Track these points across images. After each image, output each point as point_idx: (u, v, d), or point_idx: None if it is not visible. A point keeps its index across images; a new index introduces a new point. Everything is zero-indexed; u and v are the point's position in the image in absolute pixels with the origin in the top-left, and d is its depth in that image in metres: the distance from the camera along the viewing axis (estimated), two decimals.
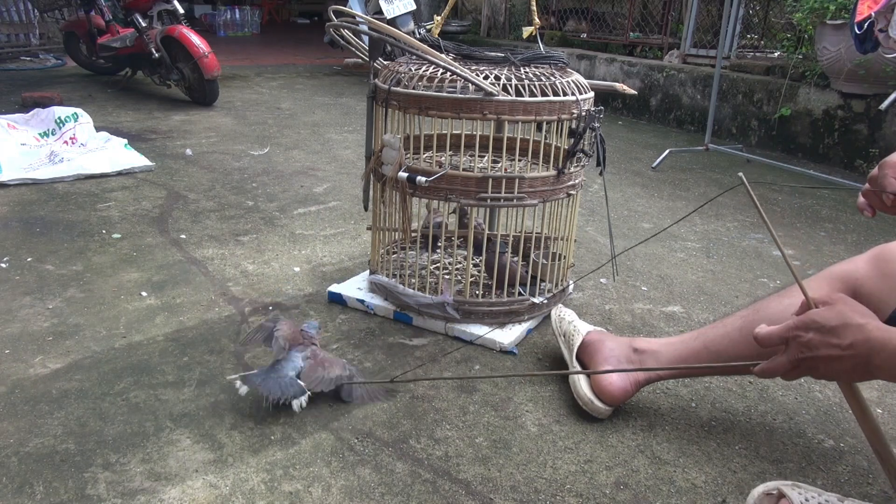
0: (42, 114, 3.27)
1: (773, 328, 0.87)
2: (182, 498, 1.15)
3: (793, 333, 0.85)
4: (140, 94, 4.81)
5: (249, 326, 1.73)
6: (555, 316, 1.63)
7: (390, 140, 1.64)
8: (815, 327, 0.83)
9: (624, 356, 1.43)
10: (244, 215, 2.54)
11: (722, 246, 2.50)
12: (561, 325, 1.59)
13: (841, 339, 0.81)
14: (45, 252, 2.11)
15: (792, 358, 0.85)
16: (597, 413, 1.40)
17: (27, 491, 1.14)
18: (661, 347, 1.40)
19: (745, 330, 1.27)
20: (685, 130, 4.68)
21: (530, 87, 1.55)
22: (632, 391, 1.41)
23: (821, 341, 0.82)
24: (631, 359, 1.42)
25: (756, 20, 5.04)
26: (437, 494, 1.18)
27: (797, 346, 0.84)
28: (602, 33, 5.81)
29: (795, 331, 0.85)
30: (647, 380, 1.42)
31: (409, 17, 2.11)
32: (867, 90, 3.62)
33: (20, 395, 1.40)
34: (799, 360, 0.84)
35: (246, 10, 9.29)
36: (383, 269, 1.85)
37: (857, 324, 0.81)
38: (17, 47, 6.11)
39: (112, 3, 4.94)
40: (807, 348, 0.83)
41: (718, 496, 1.22)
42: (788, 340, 0.86)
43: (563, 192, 1.68)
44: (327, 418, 1.37)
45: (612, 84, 1.99)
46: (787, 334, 0.85)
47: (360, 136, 3.91)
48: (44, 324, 1.69)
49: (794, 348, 0.85)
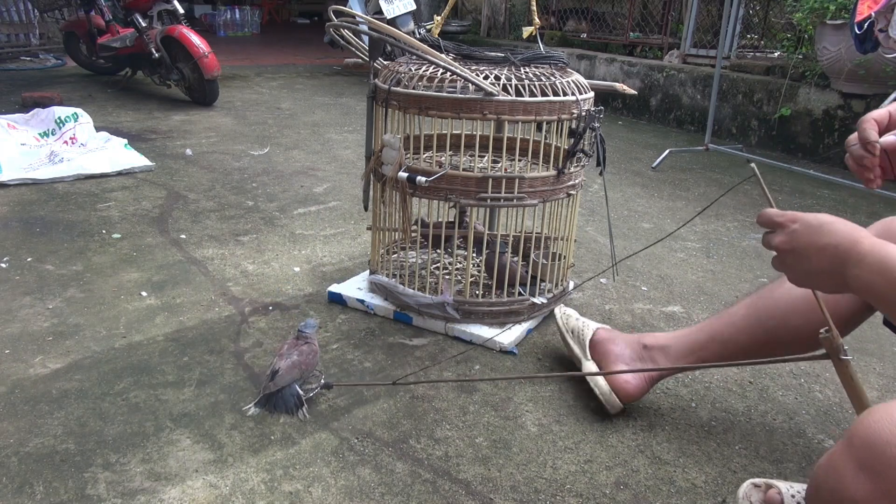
0: (42, 114, 3.27)
1: (776, 211, 0.91)
2: (182, 498, 1.15)
3: (785, 220, 0.88)
4: (140, 94, 4.81)
5: (250, 326, 1.73)
6: (559, 314, 1.63)
7: (390, 140, 1.64)
8: (802, 221, 0.86)
9: (635, 354, 1.43)
10: (244, 215, 2.54)
11: (722, 246, 2.50)
12: (567, 321, 1.59)
13: (821, 237, 0.83)
14: (45, 252, 2.11)
15: (780, 240, 0.88)
16: (612, 408, 1.41)
17: (27, 491, 1.14)
18: (670, 342, 1.41)
19: (749, 317, 1.28)
20: (685, 130, 4.68)
21: (530, 87, 1.55)
22: (647, 388, 1.43)
23: (803, 234, 0.85)
24: (641, 356, 1.43)
25: (756, 20, 5.04)
26: (437, 494, 1.18)
27: (785, 233, 0.87)
28: (602, 33, 5.81)
29: (788, 220, 0.88)
30: (661, 376, 1.43)
31: (409, 17, 2.11)
32: (867, 90, 3.62)
33: (20, 395, 1.40)
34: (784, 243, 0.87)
35: (246, 10, 9.29)
36: (383, 269, 1.85)
37: (839, 229, 0.83)
38: (17, 47, 6.11)
39: (112, 3, 4.94)
40: (792, 238, 0.86)
41: (718, 496, 1.22)
42: (781, 225, 0.89)
43: (563, 192, 1.68)
44: (327, 418, 1.38)
45: (612, 84, 1.99)
46: (781, 219, 0.88)
47: (360, 136, 3.91)
48: (44, 324, 1.69)
49: (782, 234, 0.88)
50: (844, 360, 0.94)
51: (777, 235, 0.88)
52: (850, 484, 0.60)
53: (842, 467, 0.62)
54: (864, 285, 0.79)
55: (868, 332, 1.84)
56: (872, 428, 0.61)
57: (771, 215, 0.90)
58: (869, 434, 0.60)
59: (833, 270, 0.82)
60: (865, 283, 0.78)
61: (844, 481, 0.61)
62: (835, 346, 0.94)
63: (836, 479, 0.62)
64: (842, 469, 0.62)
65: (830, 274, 0.82)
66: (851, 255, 0.80)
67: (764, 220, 0.91)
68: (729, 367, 1.64)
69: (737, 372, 1.63)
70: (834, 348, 0.94)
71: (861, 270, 0.78)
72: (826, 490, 0.64)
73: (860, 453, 0.60)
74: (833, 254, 0.81)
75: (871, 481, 0.58)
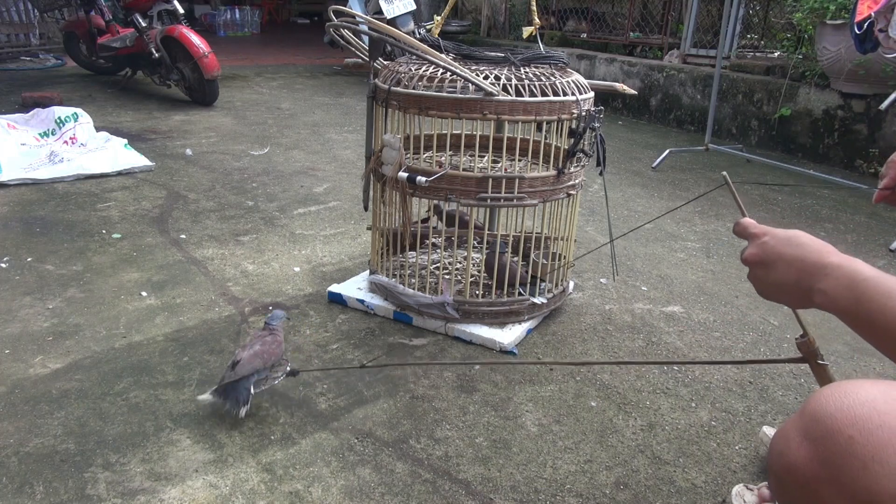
0: (42, 114, 3.27)
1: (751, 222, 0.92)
2: (182, 498, 1.15)
3: (758, 231, 0.89)
4: (140, 94, 4.81)
5: (250, 326, 1.73)
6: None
7: (390, 140, 1.64)
8: (772, 234, 0.87)
9: None
10: (244, 215, 2.53)
11: (722, 246, 2.50)
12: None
13: (790, 250, 0.84)
14: (45, 252, 2.11)
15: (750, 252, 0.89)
16: None
17: (27, 491, 1.14)
18: None
19: None
20: (685, 130, 4.68)
21: (530, 87, 1.55)
22: None
23: (773, 246, 0.86)
24: None
25: (756, 20, 5.03)
26: (437, 494, 1.18)
27: (756, 244, 0.88)
28: (602, 33, 5.81)
29: (760, 232, 0.89)
30: None
31: (409, 17, 2.11)
32: (867, 90, 3.62)
33: (20, 395, 1.40)
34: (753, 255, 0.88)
35: (246, 11, 9.28)
36: (383, 269, 1.85)
37: (808, 242, 0.84)
38: (17, 47, 6.11)
39: (112, 3, 4.94)
40: (762, 249, 0.87)
41: (718, 496, 1.22)
42: (753, 236, 0.90)
43: (563, 192, 1.68)
44: (327, 418, 1.38)
45: (612, 84, 1.99)
46: (755, 230, 0.90)
47: (360, 136, 3.91)
48: (44, 324, 1.69)
49: (753, 246, 0.89)
50: (822, 365, 0.95)
51: (748, 248, 0.89)
52: (794, 449, 0.65)
53: (790, 434, 0.66)
54: (828, 300, 0.80)
55: None
56: (820, 402, 0.65)
57: (746, 225, 0.91)
58: (816, 406, 0.65)
59: (799, 283, 0.83)
60: (830, 298, 0.79)
61: (790, 446, 0.66)
62: (811, 350, 0.96)
63: (784, 444, 0.67)
64: (790, 436, 0.66)
65: (796, 287, 0.83)
66: (818, 268, 0.81)
67: (739, 230, 0.92)
68: (728, 368, 1.65)
69: (737, 372, 1.63)
70: (811, 352, 0.96)
71: (827, 285, 0.79)
72: (775, 453, 0.68)
73: (806, 422, 0.65)
74: (800, 267, 0.82)
75: (811, 448, 0.63)
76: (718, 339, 1.80)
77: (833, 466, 0.61)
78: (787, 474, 0.66)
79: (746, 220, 0.92)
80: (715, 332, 1.84)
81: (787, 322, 1.91)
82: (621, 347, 1.73)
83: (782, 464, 0.66)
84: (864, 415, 0.61)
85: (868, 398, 0.63)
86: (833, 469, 0.61)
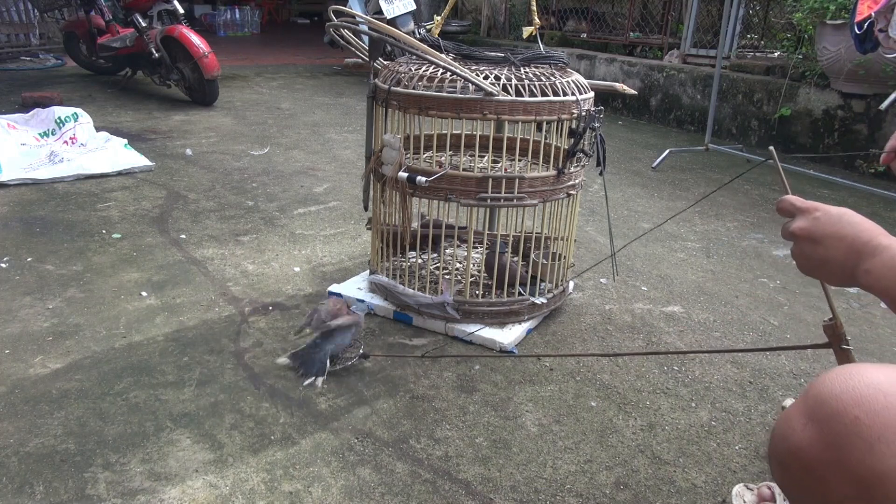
0: (42, 114, 3.27)
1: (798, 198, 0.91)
2: (182, 498, 1.15)
3: (808, 206, 0.89)
4: (140, 94, 4.81)
5: (250, 326, 1.73)
6: None
7: (390, 140, 1.64)
8: (824, 209, 0.87)
9: None
10: (244, 215, 2.53)
11: (722, 246, 2.50)
12: None
13: (842, 227, 0.84)
14: (45, 252, 2.11)
15: (799, 226, 0.88)
16: None
17: (27, 491, 1.14)
18: None
19: None
20: (685, 130, 4.68)
21: (530, 87, 1.55)
22: None
23: (825, 222, 0.85)
24: None
25: (756, 20, 5.03)
26: (437, 494, 1.18)
27: (807, 219, 0.88)
28: (602, 33, 5.81)
29: (812, 207, 0.89)
30: None
31: (409, 17, 2.11)
32: (867, 90, 3.62)
33: (20, 395, 1.40)
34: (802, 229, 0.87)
35: (246, 10, 9.28)
36: (383, 269, 1.85)
37: (861, 221, 0.83)
38: (17, 47, 6.11)
39: (112, 3, 4.94)
40: (813, 224, 0.86)
41: (718, 496, 1.22)
42: (803, 211, 0.89)
43: (563, 192, 1.68)
44: (327, 418, 1.38)
45: (612, 84, 1.99)
46: (804, 206, 0.89)
47: (360, 136, 3.91)
48: (44, 324, 1.69)
49: (803, 220, 0.88)
50: (846, 350, 0.94)
51: (797, 221, 0.88)
52: (798, 431, 0.65)
53: (795, 417, 0.66)
54: (873, 280, 0.79)
55: (868, 332, 1.84)
56: (825, 384, 0.65)
57: (793, 201, 0.90)
58: (821, 389, 0.65)
59: (845, 261, 0.83)
60: (875, 278, 0.79)
61: (795, 428, 0.65)
62: (837, 333, 0.94)
63: (788, 426, 0.66)
64: (794, 418, 0.66)
65: (842, 264, 0.83)
66: (868, 248, 0.81)
67: (785, 206, 0.91)
68: (729, 368, 1.65)
69: (737, 372, 1.63)
70: (837, 337, 0.94)
71: (873, 265, 0.79)
72: (778, 436, 0.68)
73: (810, 404, 0.65)
74: (850, 245, 0.82)
75: (816, 430, 0.63)
76: (718, 339, 1.80)
77: (838, 448, 0.61)
78: (792, 458, 0.65)
79: (792, 196, 0.91)
80: (715, 332, 1.84)
81: (788, 322, 1.91)
82: (621, 347, 1.73)
83: (786, 447, 0.66)
84: (869, 395, 0.61)
85: (873, 380, 0.62)
86: (838, 450, 0.61)
